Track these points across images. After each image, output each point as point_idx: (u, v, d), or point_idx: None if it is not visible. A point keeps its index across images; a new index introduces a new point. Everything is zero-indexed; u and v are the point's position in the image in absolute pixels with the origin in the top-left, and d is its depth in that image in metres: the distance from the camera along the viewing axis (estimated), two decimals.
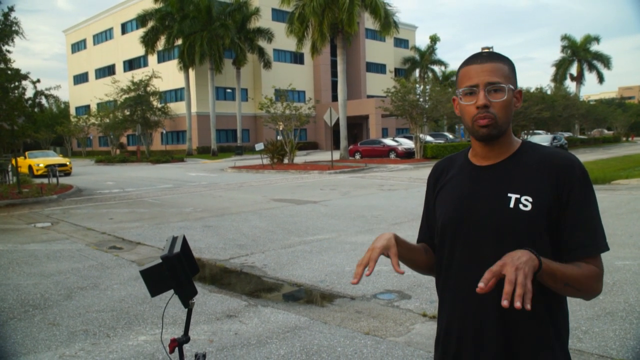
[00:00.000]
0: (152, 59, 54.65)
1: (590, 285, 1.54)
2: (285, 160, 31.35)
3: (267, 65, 50.30)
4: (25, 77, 17.85)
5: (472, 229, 1.64)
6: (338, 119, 32.38)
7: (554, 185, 1.55)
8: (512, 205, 1.57)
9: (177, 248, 1.91)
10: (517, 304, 1.30)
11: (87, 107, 65.96)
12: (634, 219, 10.24)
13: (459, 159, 1.79)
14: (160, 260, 1.89)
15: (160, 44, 47.39)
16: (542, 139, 35.63)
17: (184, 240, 2.01)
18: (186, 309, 2.03)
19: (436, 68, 70.04)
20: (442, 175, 1.82)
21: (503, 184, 1.61)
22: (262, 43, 49.69)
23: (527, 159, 1.62)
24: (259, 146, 30.93)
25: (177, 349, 2.03)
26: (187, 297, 1.96)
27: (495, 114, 1.58)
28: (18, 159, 19.32)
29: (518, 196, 1.57)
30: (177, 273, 1.89)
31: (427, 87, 35.16)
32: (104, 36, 65.35)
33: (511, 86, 1.59)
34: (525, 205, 1.56)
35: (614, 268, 6.56)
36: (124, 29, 61.21)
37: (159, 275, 1.90)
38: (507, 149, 1.66)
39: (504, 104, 1.58)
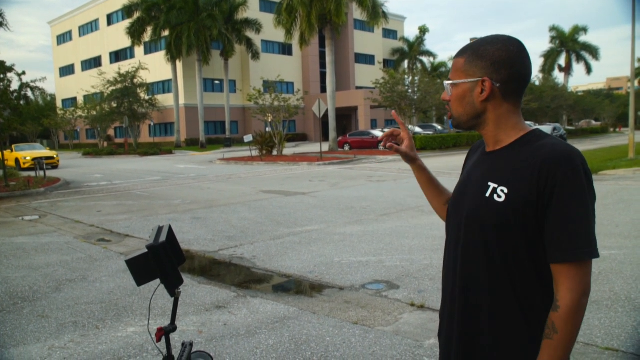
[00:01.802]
0: (139, 50, 54.25)
1: (575, 323, 1.45)
2: (274, 152, 31.30)
3: (256, 56, 50.10)
4: (10, 69, 17.67)
5: (458, 214, 1.67)
6: (327, 111, 32.35)
7: (535, 180, 1.47)
8: (487, 194, 1.56)
9: (163, 237, 1.91)
10: None
11: (74, 99, 65.41)
12: (620, 209, 10.34)
13: (484, 143, 1.77)
14: (146, 250, 1.89)
15: (147, 35, 47.05)
16: (543, 129, 35.58)
17: (170, 230, 2.01)
18: (173, 298, 2.03)
19: (425, 59, 70.05)
20: (469, 158, 1.85)
21: (488, 172, 1.61)
22: (250, 34, 49.45)
23: (521, 150, 1.56)
24: (248, 138, 30.84)
25: (164, 337, 2.04)
26: (173, 286, 1.97)
27: (451, 107, 1.67)
28: (4, 152, 19.10)
29: (496, 186, 1.55)
30: (162, 262, 1.89)
31: (416, 78, 35.17)
32: (89, 27, 64.74)
33: (453, 82, 1.63)
34: (500, 196, 1.52)
35: (600, 257, 6.58)
36: (110, 20, 60.67)
37: (145, 265, 1.90)
38: (503, 138, 1.61)
39: (455, 98, 1.64)
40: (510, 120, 1.61)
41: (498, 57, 1.56)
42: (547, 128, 35.98)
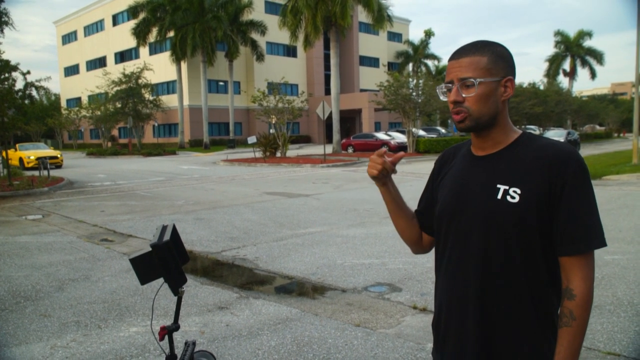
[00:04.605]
0: (144, 51, 54.29)
1: (589, 310, 1.54)
2: (278, 154, 31.31)
3: (260, 58, 50.13)
4: (15, 68, 17.74)
5: (463, 219, 1.65)
6: (331, 113, 32.35)
7: (545, 178, 1.52)
8: (499, 196, 1.57)
9: (167, 236, 1.92)
10: None
11: (78, 99, 65.50)
12: (623, 214, 10.32)
13: (463, 149, 1.79)
14: (150, 249, 1.89)
15: (152, 36, 47.08)
16: (555, 133, 35.22)
17: (174, 229, 2.01)
18: (176, 297, 2.04)
19: (429, 62, 70.07)
20: (446, 164, 1.84)
21: (494, 174, 1.61)
22: (254, 36, 49.50)
23: (522, 150, 1.60)
24: (252, 139, 30.85)
25: (166, 337, 2.04)
26: (176, 285, 1.97)
27: (469, 108, 1.60)
28: (8, 151, 19.17)
29: (507, 187, 1.56)
30: (166, 261, 1.90)
31: (420, 81, 35.12)
32: (94, 28, 64.85)
33: (482, 79, 1.58)
34: (513, 197, 1.54)
35: (603, 262, 6.62)
36: (115, 20, 60.77)
37: (149, 264, 1.91)
38: (502, 140, 1.64)
39: (476, 98, 1.59)
40: (509, 121, 1.67)
41: (511, 59, 1.64)
42: (561, 132, 35.63)
